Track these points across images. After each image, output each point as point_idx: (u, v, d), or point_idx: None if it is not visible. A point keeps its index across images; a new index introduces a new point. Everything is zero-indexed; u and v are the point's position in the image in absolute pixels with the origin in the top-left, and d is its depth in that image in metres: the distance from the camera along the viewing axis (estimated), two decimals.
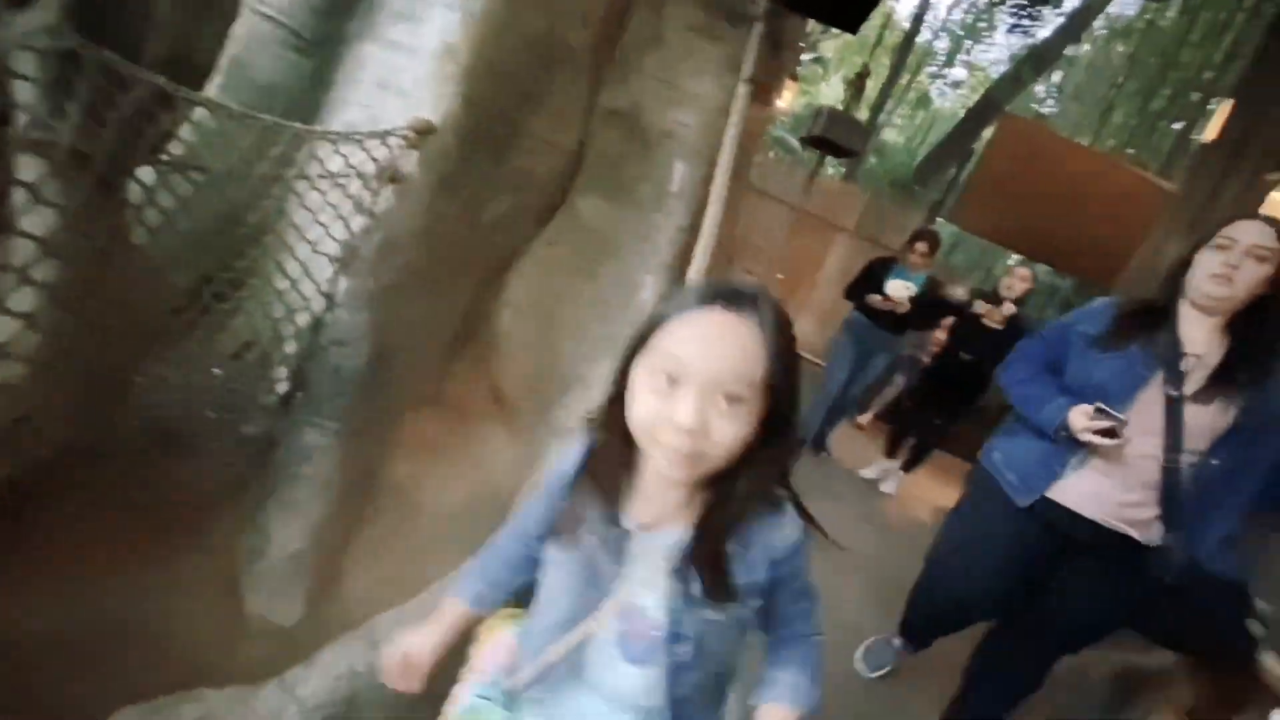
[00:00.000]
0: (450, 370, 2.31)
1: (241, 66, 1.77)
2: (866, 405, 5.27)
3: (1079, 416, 1.39)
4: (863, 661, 2.12)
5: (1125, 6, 12.99)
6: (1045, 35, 11.23)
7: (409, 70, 1.70)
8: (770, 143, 10.17)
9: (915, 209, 8.13)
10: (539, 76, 2.01)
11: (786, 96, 5.38)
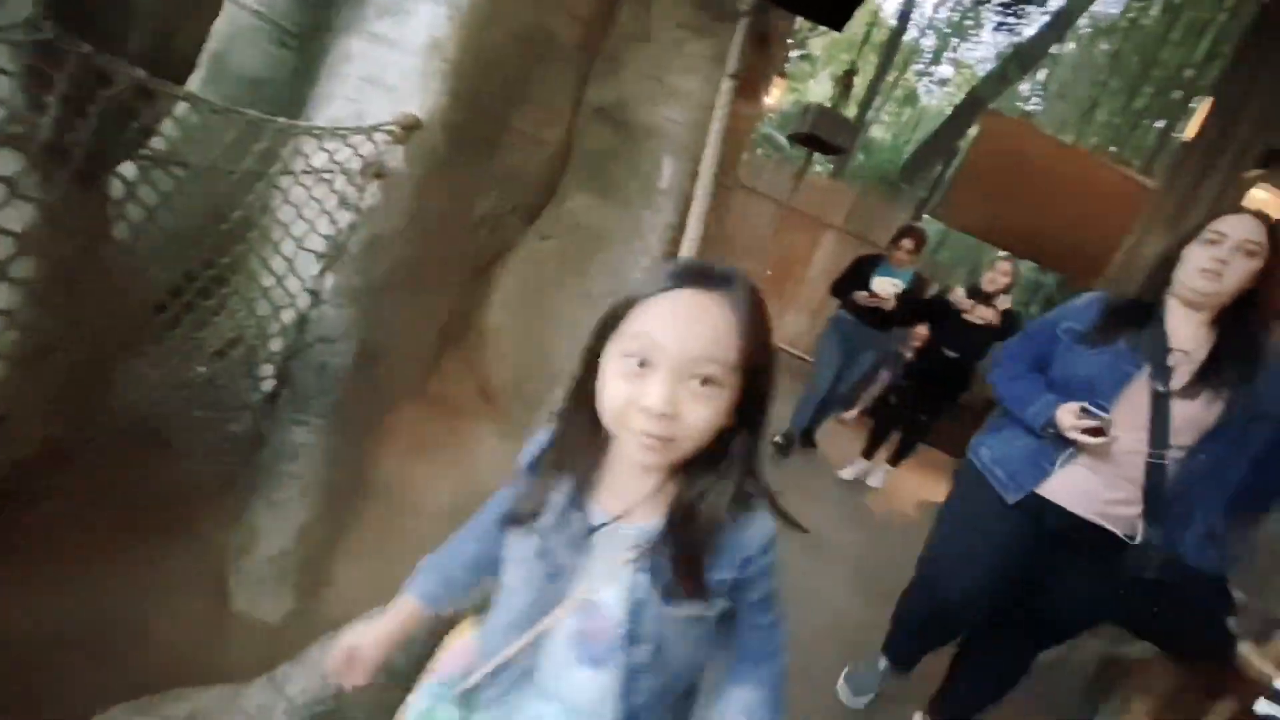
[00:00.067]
0: (438, 367, 2.31)
1: (224, 60, 1.74)
2: (852, 401, 5.31)
3: (1066, 415, 1.39)
4: (846, 688, 1.98)
5: (1109, 5, 13.13)
6: (1030, 34, 11.34)
7: (395, 65, 1.68)
8: (758, 140, 10.19)
9: (902, 206, 8.18)
10: (527, 72, 2.01)
11: (775, 94, 5.39)
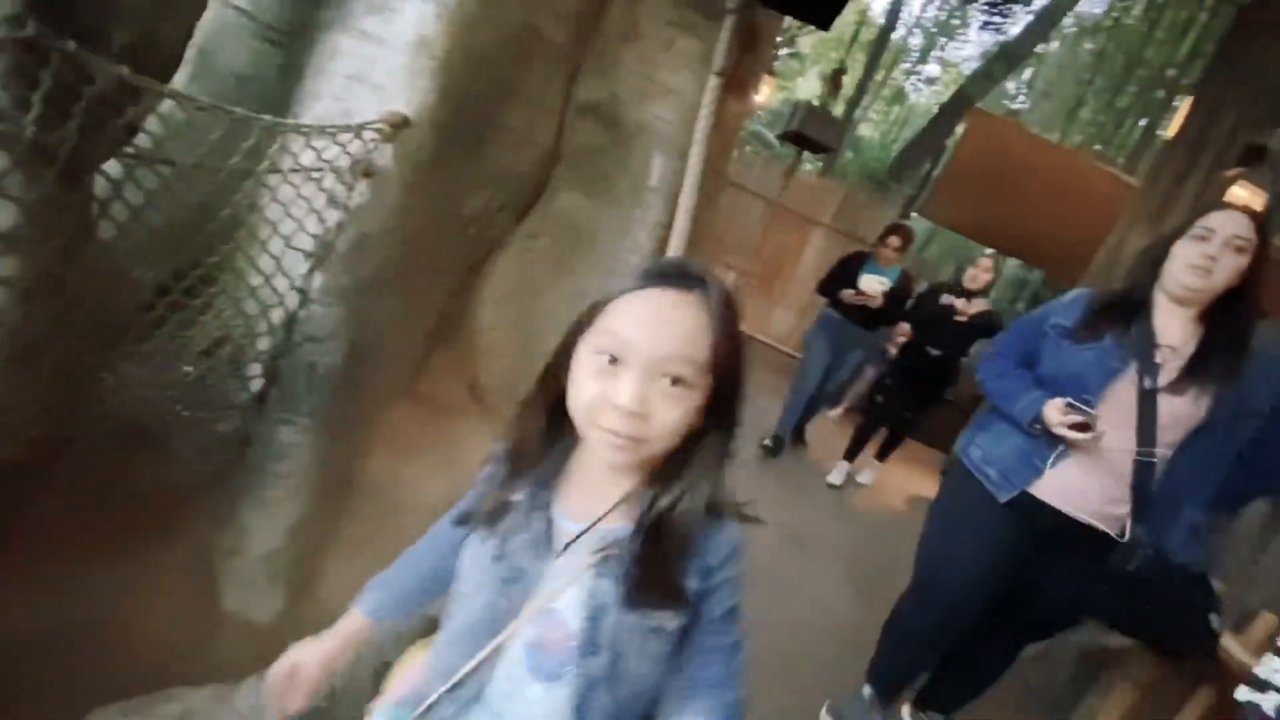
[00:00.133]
0: (428, 366, 2.30)
1: (210, 57, 1.72)
2: (839, 399, 5.35)
3: (1053, 411, 1.39)
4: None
5: (1093, 5, 13.30)
6: (1016, 33, 11.44)
7: (382, 62, 1.68)
8: (747, 138, 10.21)
9: (891, 204, 8.24)
10: (516, 69, 2.00)
11: (764, 91, 5.41)
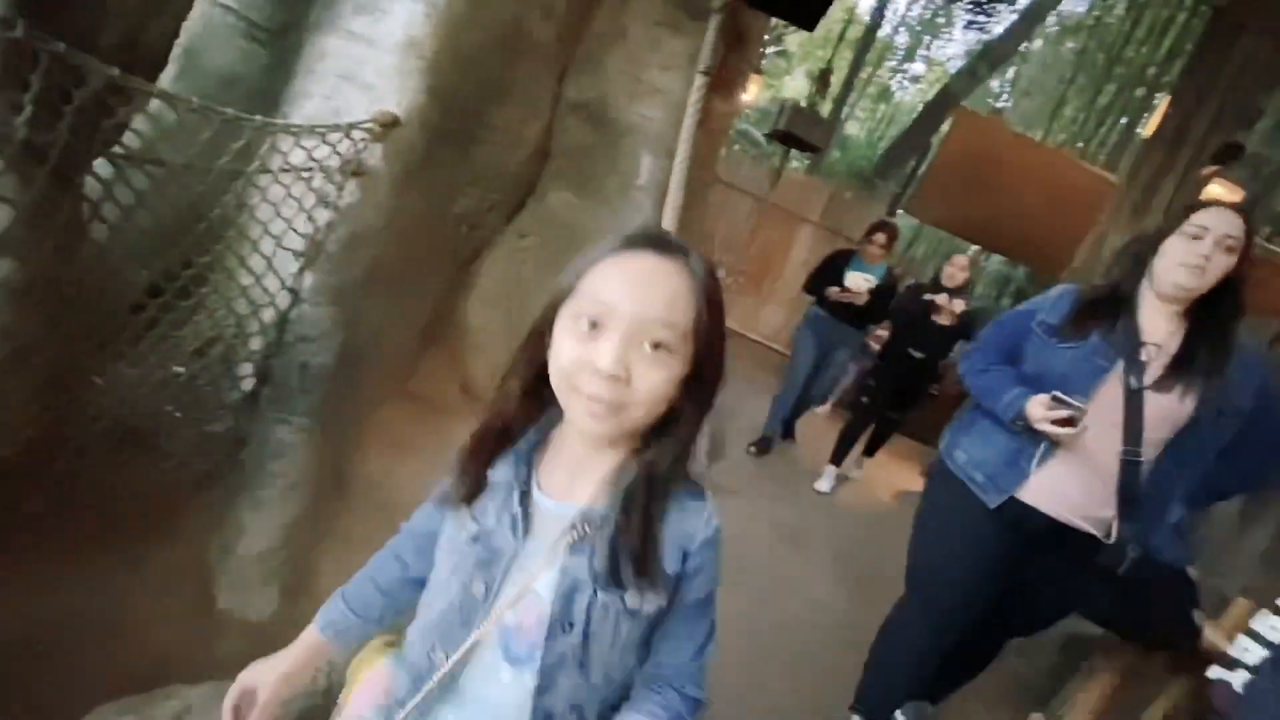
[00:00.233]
0: (419, 364, 2.31)
1: (196, 56, 1.72)
2: (825, 396, 5.39)
3: (1036, 407, 1.37)
4: None
5: (1076, 4, 13.45)
6: (1000, 32, 11.55)
7: (372, 62, 1.68)
8: (735, 136, 10.24)
9: (877, 201, 8.31)
10: (504, 69, 2.01)
11: (751, 90, 5.44)
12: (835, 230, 6.99)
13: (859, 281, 3.47)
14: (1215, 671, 1.00)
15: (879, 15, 13.34)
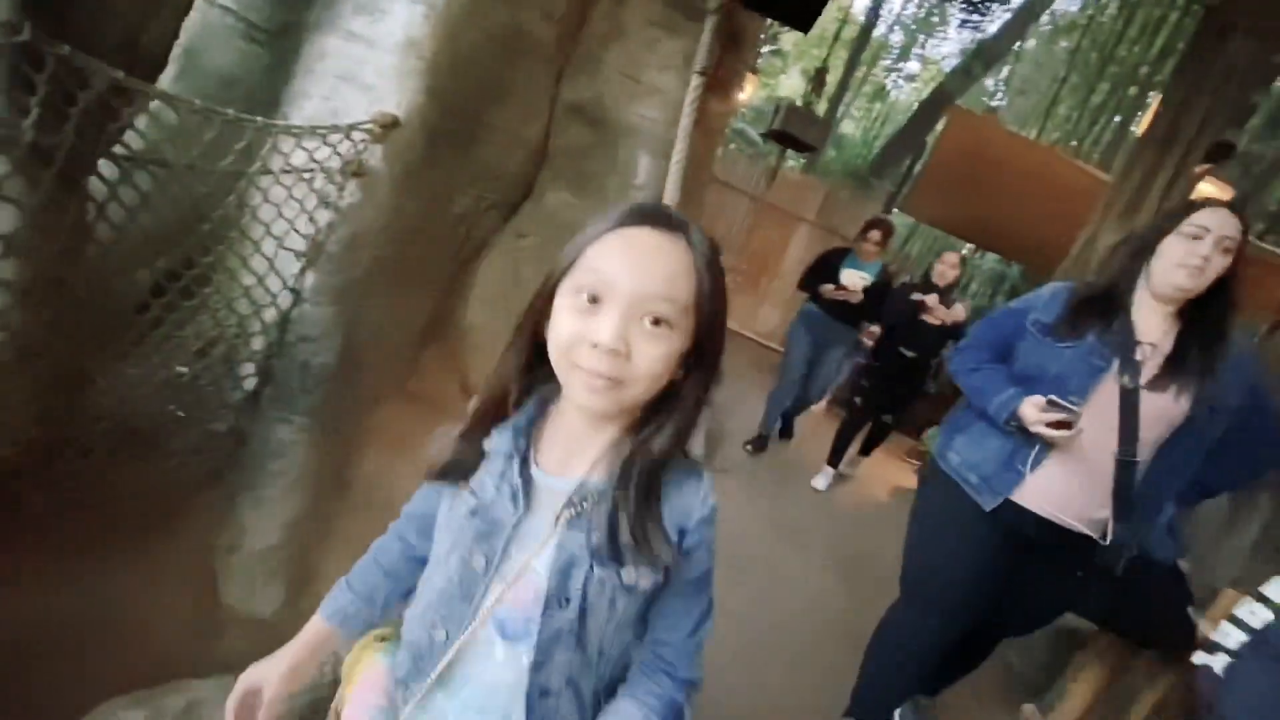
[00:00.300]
0: (419, 364, 2.32)
1: (195, 57, 1.72)
2: (821, 393, 5.40)
3: (1031, 409, 1.36)
4: None
5: (1069, 3, 13.52)
6: (994, 30, 11.59)
7: (371, 63, 1.69)
8: (731, 135, 10.26)
9: (872, 200, 8.34)
10: (503, 70, 2.03)
11: (746, 89, 5.45)
12: (831, 229, 7.02)
13: (854, 279, 3.47)
14: (1199, 657, 1.02)
15: (874, 14, 13.36)
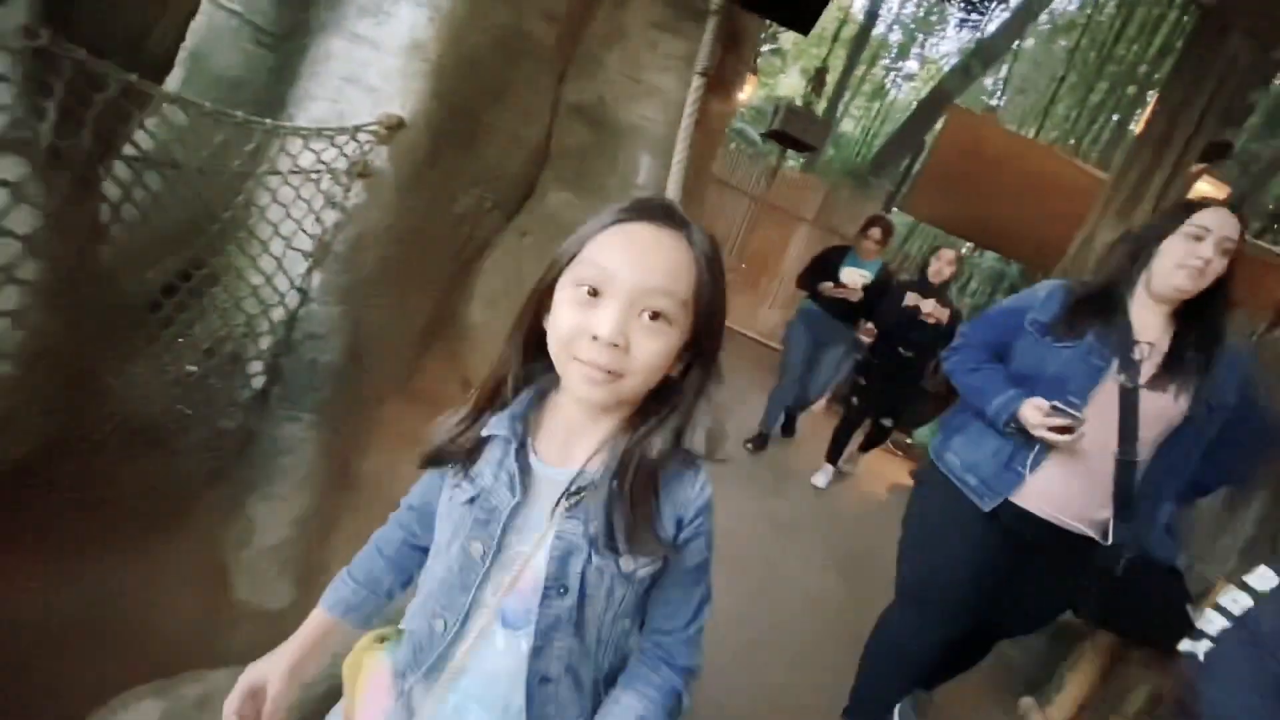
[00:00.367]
0: (422, 362, 2.34)
1: (202, 60, 1.75)
2: (821, 391, 5.42)
3: (1033, 411, 1.34)
4: None
5: (1068, 2, 13.54)
6: (993, 29, 11.61)
7: (376, 65, 1.71)
8: (731, 135, 10.28)
9: (872, 199, 8.36)
10: (505, 71, 2.05)
11: (746, 89, 5.47)
12: (831, 228, 7.04)
13: (854, 277, 3.46)
14: (1185, 645, 1.04)
15: (873, 13, 13.38)
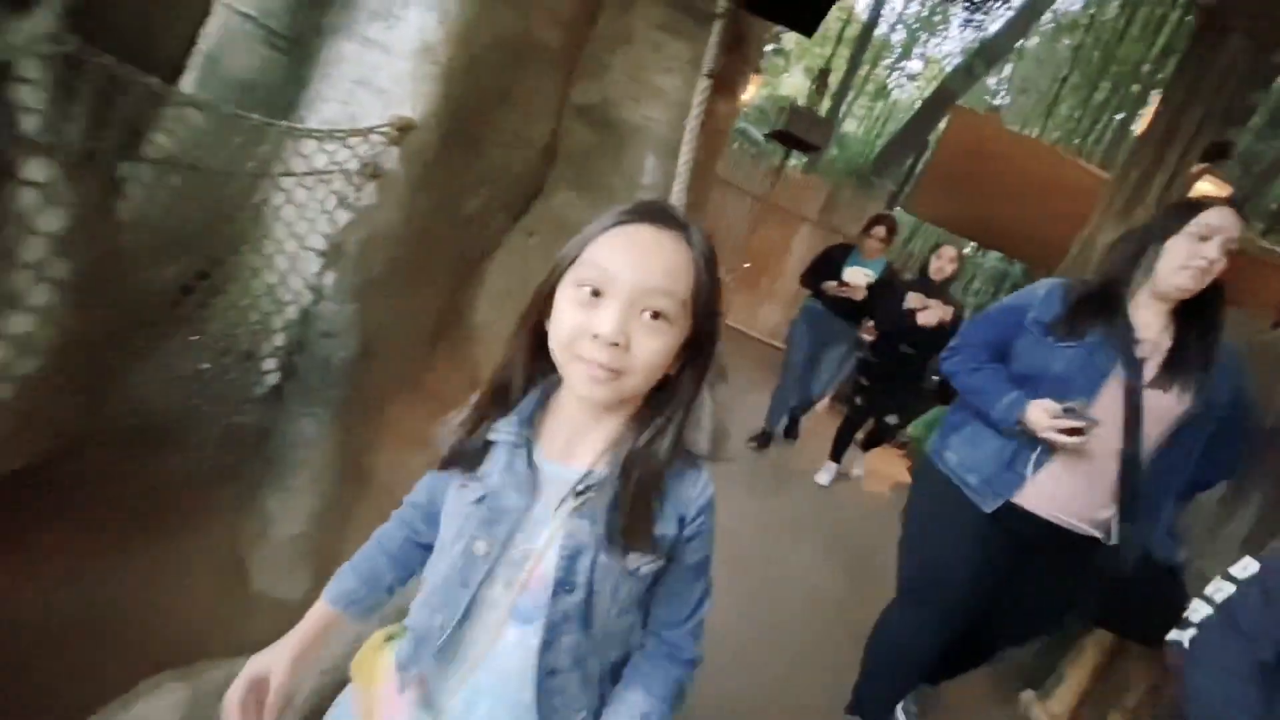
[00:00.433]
0: (430, 361, 2.37)
1: (217, 63, 1.78)
2: (824, 391, 5.43)
3: (1040, 413, 1.32)
4: None
5: (1071, 2, 13.52)
6: (996, 29, 11.61)
7: (387, 68, 1.74)
8: (734, 135, 10.30)
9: (874, 199, 8.37)
10: (513, 74, 2.08)
11: (749, 89, 5.50)
12: (833, 228, 7.06)
13: (858, 276, 3.43)
14: (1172, 634, 1.07)
15: (876, 13, 13.39)
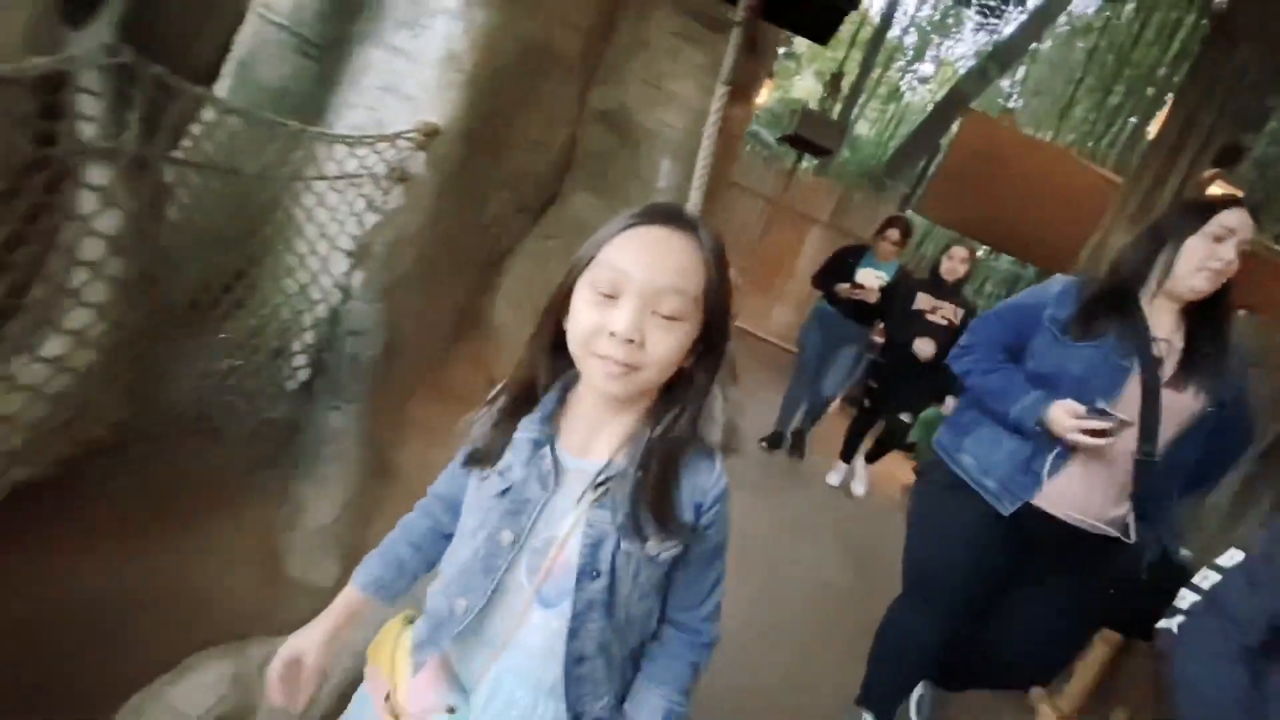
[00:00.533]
0: (449, 360, 2.43)
1: (250, 70, 1.84)
2: (836, 393, 5.41)
3: (1063, 414, 1.30)
4: None
5: (1086, 4, 13.45)
6: (1010, 32, 11.57)
7: (413, 75, 1.80)
8: (746, 138, 10.34)
9: (886, 201, 8.38)
10: (534, 81, 2.13)
11: (762, 93, 5.53)
12: (845, 230, 7.07)
13: (871, 278, 3.41)
14: (1162, 622, 1.09)
15: (889, 16, 13.38)
